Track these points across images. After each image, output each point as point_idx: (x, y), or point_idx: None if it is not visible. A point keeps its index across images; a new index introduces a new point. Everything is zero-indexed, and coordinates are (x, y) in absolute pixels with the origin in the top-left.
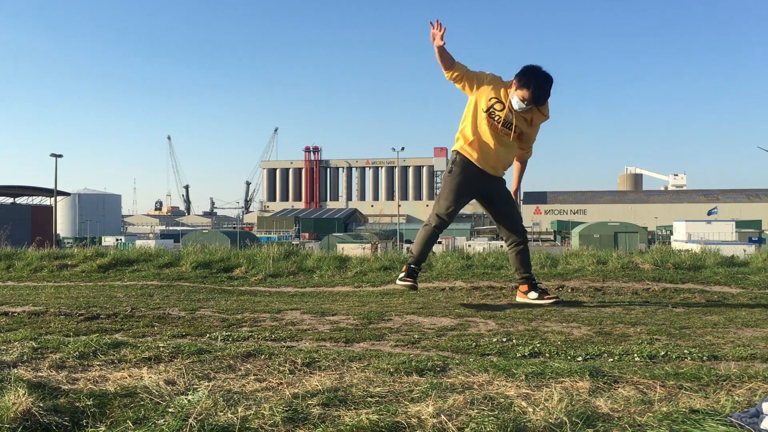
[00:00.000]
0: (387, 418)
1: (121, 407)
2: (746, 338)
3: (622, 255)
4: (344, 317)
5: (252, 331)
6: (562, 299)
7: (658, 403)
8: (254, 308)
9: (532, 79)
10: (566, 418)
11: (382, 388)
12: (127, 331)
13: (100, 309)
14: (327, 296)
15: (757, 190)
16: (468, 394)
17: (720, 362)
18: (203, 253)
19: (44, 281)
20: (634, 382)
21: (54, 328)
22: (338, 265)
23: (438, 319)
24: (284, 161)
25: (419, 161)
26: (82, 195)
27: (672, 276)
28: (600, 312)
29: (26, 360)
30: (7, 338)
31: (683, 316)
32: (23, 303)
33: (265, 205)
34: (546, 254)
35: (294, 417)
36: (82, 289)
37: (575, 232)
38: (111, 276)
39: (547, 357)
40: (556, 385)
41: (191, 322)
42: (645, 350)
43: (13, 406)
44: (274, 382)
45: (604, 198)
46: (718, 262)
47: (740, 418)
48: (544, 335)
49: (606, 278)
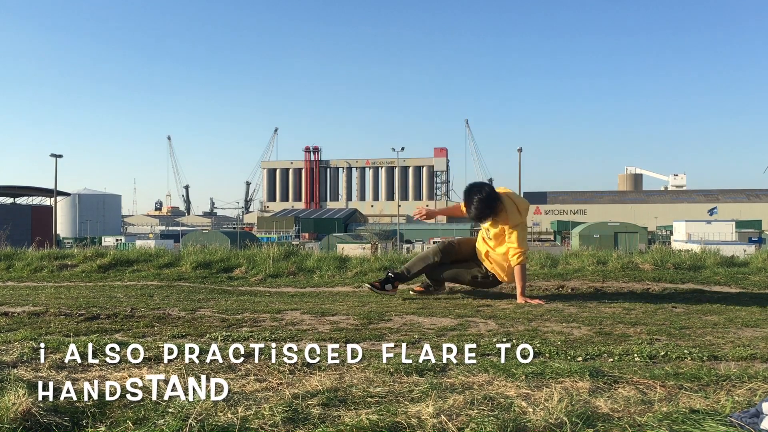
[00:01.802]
0: (387, 418)
1: (121, 407)
2: (746, 338)
3: (622, 255)
4: (344, 317)
5: (252, 332)
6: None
7: (658, 403)
8: (254, 308)
9: (467, 199)
10: (566, 418)
11: (382, 388)
12: (127, 332)
13: (100, 309)
14: (327, 296)
15: (757, 190)
16: (468, 394)
17: (720, 362)
18: (203, 254)
19: (44, 281)
20: (634, 382)
21: (54, 328)
22: (338, 266)
23: (438, 319)
24: (284, 161)
25: (419, 161)
26: (82, 195)
27: (672, 276)
28: (600, 312)
29: (26, 360)
30: (7, 338)
31: (683, 316)
32: (23, 303)
33: (265, 206)
34: (546, 254)
35: (294, 417)
36: (82, 290)
37: (575, 232)
38: (111, 276)
39: (547, 357)
40: (556, 385)
41: (191, 322)
42: (645, 350)
43: (13, 407)
44: (274, 382)
45: (604, 198)
46: (718, 263)
47: (740, 418)
48: (544, 335)
49: (606, 278)
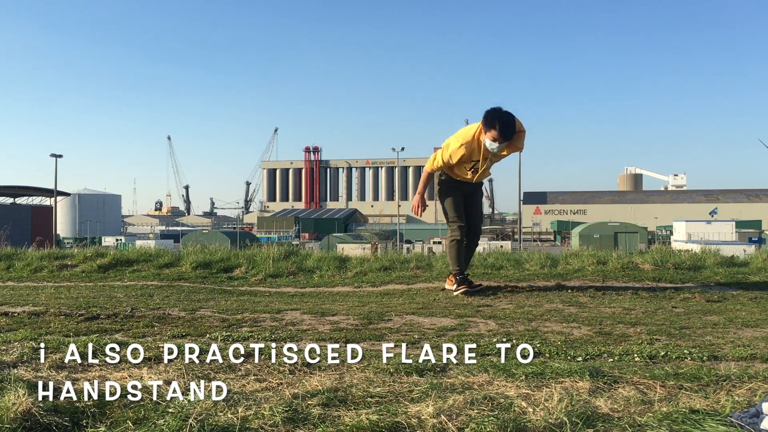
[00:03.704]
0: (387, 418)
1: (121, 407)
2: (746, 338)
3: (622, 255)
4: (344, 317)
5: (252, 332)
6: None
7: (658, 403)
8: (254, 308)
9: (494, 119)
10: (566, 418)
11: (382, 388)
12: (127, 332)
13: (100, 309)
14: (327, 296)
15: (757, 190)
16: (468, 394)
17: (720, 362)
18: (203, 254)
19: (44, 281)
20: (634, 382)
21: (54, 328)
22: (338, 266)
23: (438, 320)
24: (284, 161)
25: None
26: (82, 195)
27: (672, 276)
28: (600, 312)
29: (26, 360)
30: (7, 338)
31: (683, 316)
32: (23, 303)
33: (265, 206)
34: (546, 254)
35: (294, 417)
36: (82, 290)
37: (575, 232)
38: (111, 276)
39: (547, 357)
40: (556, 385)
41: (191, 322)
42: (645, 350)
43: (13, 407)
44: (274, 382)
45: (604, 198)
46: (718, 263)
47: (740, 418)
48: (544, 335)
49: (606, 278)
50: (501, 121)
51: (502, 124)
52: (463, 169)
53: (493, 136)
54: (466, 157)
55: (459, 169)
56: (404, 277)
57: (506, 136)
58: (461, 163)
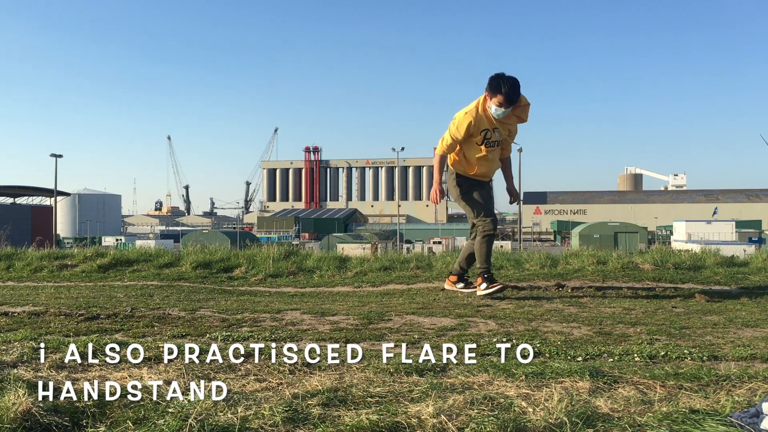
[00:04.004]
0: (387, 418)
1: (121, 407)
2: (746, 338)
3: (622, 255)
4: (344, 317)
5: (252, 332)
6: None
7: (658, 403)
8: (254, 308)
9: (501, 83)
10: (566, 418)
11: (382, 388)
12: (127, 332)
13: (100, 309)
14: (327, 296)
15: (757, 190)
16: (468, 394)
17: (720, 362)
18: (203, 254)
19: (44, 281)
20: (634, 382)
21: (54, 328)
22: (338, 266)
23: (438, 320)
24: (284, 161)
25: (419, 161)
26: (82, 195)
27: (672, 276)
28: (600, 312)
29: (26, 360)
30: (7, 338)
31: (683, 316)
32: (23, 303)
33: (265, 206)
34: (546, 254)
35: (294, 417)
36: (82, 290)
37: (575, 232)
38: (111, 276)
39: (547, 357)
40: (556, 385)
41: (191, 322)
42: (645, 350)
43: (13, 406)
44: (274, 382)
45: (604, 198)
46: (718, 263)
47: (740, 418)
48: (544, 335)
49: (606, 278)
50: (507, 85)
51: (509, 87)
52: (473, 147)
53: (499, 100)
54: (473, 127)
55: (469, 150)
56: (404, 277)
57: (512, 101)
58: (469, 138)
